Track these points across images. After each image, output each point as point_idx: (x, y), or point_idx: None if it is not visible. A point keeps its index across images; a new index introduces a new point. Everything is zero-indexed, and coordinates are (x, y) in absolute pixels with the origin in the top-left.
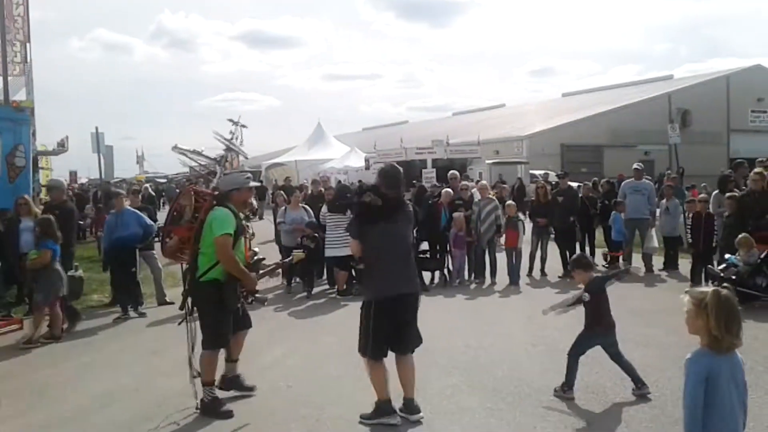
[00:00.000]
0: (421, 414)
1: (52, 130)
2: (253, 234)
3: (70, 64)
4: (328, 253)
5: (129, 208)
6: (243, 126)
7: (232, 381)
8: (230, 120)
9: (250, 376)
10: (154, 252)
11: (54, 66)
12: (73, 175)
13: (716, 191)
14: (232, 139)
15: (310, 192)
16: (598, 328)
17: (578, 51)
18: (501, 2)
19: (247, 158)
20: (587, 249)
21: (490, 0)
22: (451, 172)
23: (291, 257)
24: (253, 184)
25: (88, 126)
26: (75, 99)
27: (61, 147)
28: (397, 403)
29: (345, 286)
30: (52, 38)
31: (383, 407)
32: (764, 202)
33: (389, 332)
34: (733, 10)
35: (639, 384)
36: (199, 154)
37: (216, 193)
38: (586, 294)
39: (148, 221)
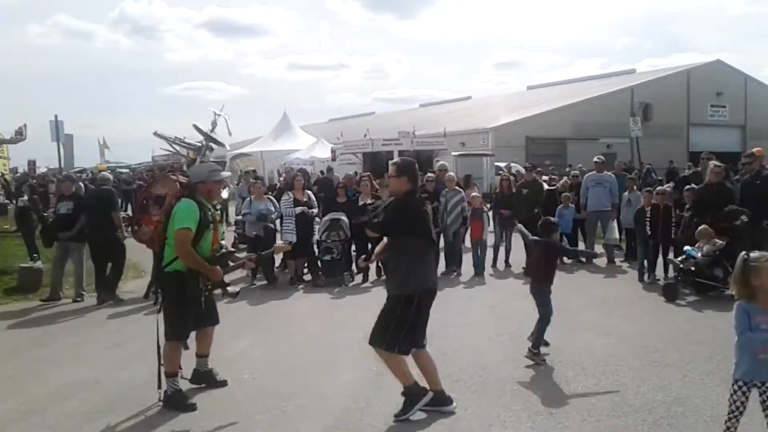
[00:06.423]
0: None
1: (10, 118)
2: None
3: (29, 50)
4: (286, 237)
5: None
6: (222, 116)
7: (204, 376)
8: (213, 110)
9: (215, 368)
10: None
11: (12, 52)
12: (32, 164)
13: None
14: (213, 129)
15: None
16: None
17: (543, 44)
18: None
19: (227, 149)
20: None
21: None
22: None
23: (272, 249)
24: (224, 174)
25: (47, 114)
26: (33, 86)
27: (19, 135)
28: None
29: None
30: (10, 23)
31: (441, 397)
32: (722, 194)
33: (423, 326)
34: (694, 7)
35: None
36: (181, 142)
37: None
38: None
39: None
